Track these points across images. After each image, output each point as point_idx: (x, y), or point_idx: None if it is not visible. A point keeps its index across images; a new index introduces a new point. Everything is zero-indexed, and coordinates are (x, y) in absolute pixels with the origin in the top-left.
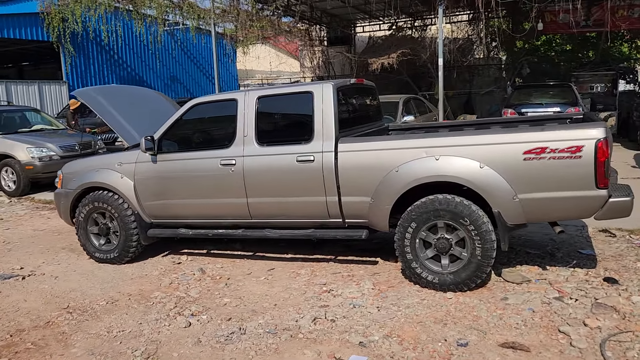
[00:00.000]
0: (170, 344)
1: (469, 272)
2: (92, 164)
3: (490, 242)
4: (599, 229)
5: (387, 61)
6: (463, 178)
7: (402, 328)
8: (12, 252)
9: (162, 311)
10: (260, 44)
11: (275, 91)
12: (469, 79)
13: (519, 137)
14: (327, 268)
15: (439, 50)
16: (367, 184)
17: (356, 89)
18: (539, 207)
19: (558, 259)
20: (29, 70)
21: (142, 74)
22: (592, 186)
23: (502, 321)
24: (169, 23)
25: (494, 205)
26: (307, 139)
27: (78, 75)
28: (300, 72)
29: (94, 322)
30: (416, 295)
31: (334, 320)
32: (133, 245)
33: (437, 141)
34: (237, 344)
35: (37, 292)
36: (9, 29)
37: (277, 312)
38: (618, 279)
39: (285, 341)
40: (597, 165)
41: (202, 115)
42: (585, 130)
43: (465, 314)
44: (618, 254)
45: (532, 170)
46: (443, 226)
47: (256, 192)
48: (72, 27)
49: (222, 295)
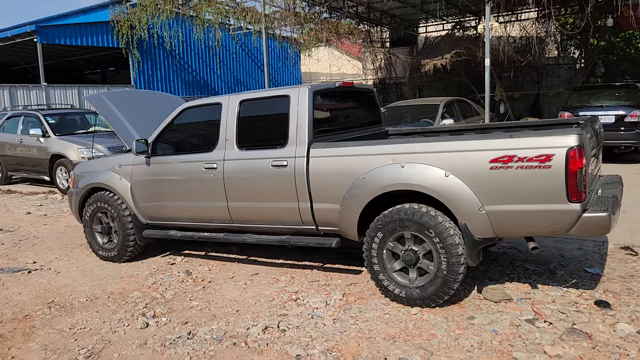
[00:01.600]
0: (118, 344)
1: (435, 287)
2: (98, 165)
3: (457, 257)
4: (620, 245)
5: (440, 62)
6: (427, 187)
7: (347, 343)
8: (35, 247)
9: (130, 311)
10: (324, 46)
11: (256, 95)
12: (537, 80)
13: (485, 144)
14: (309, 275)
15: (486, 51)
16: (336, 191)
17: (345, 93)
18: (507, 220)
19: (557, 277)
20: (111, 76)
21: (207, 77)
22: (563, 199)
23: (457, 342)
24: (232, 28)
25: (460, 216)
26: (282, 144)
27: (145, 80)
28: (363, 74)
29: (65, 318)
30: (381, 309)
31: (285, 331)
32: (130, 245)
33: (404, 147)
34: (178, 349)
35: (33, 286)
36: (86, 36)
37: (235, 318)
38: (612, 303)
39: (226, 349)
40: (569, 176)
41: (192, 119)
42: (556, 137)
43: (422, 331)
44: (629, 275)
45: (499, 180)
46: (410, 237)
47: (235, 196)
48: (139, 33)
49: (193, 299)
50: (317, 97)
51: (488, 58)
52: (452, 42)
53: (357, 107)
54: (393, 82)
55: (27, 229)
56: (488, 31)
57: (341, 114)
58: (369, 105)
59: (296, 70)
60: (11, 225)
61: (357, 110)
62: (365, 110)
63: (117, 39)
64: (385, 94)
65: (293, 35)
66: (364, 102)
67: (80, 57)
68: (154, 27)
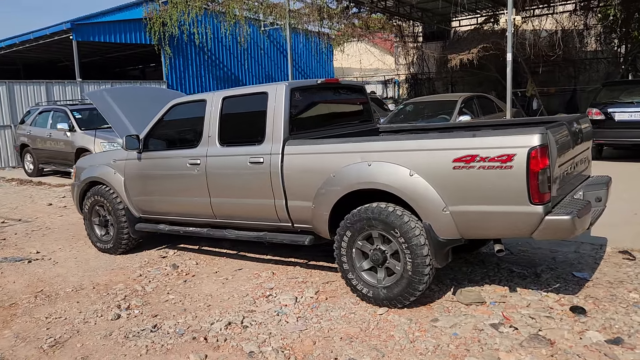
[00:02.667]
0: (85, 335)
1: (401, 288)
2: (97, 159)
3: (422, 257)
4: (619, 249)
5: (466, 57)
6: (392, 186)
7: (303, 342)
8: (44, 238)
9: (108, 302)
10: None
11: (237, 92)
12: (575, 75)
13: (448, 143)
14: (290, 272)
15: (508, 45)
16: (309, 189)
17: (332, 89)
18: (471, 221)
19: (541, 280)
20: (150, 72)
21: (238, 73)
22: (525, 201)
23: (412, 345)
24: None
25: (424, 216)
26: (259, 141)
27: (177, 76)
28: (395, 69)
29: (46, 307)
30: (349, 308)
31: (247, 327)
32: (124, 238)
33: (372, 146)
34: (139, 341)
35: (29, 275)
36: (119, 34)
37: (203, 312)
38: (588, 310)
39: (184, 343)
40: (530, 177)
41: (179, 115)
42: (518, 137)
43: (382, 332)
44: (618, 281)
45: (462, 180)
46: (378, 237)
47: (217, 192)
48: (170, 30)
49: (171, 292)
50: (296, 94)
51: (510, 53)
52: (479, 37)
53: (345, 104)
54: (425, 78)
55: (43, 219)
56: (510, 25)
57: (326, 111)
58: (359, 101)
59: (329, 66)
60: (30, 215)
61: (344, 107)
62: (354, 106)
63: (150, 36)
64: (417, 89)
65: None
66: (352, 98)
67: (121, 53)
68: (184, 23)
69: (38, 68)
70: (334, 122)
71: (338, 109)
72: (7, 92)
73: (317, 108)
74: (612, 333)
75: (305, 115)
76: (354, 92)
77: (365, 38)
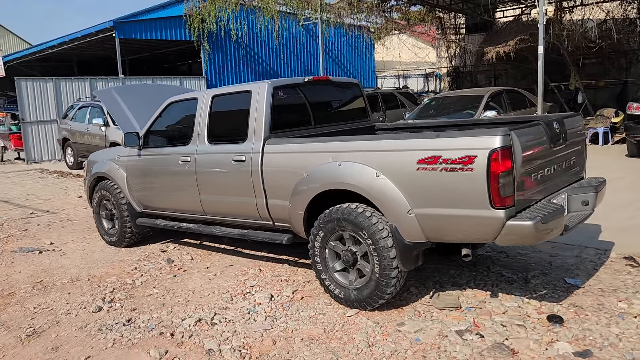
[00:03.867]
0: (63, 325)
1: (369, 290)
2: (105, 155)
3: (389, 260)
4: (624, 255)
5: (502, 49)
6: (360, 187)
7: (263, 341)
8: (62, 229)
9: (95, 294)
10: (397, 34)
11: (225, 90)
12: (626, 67)
13: (412, 144)
14: (277, 270)
15: (539, 37)
16: (286, 187)
17: (321, 87)
18: (435, 225)
19: (529, 286)
20: (197, 67)
21: (276, 67)
22: (487, 205)
23: (370, 349)
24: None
25: (390, 218)
26: (243, 139)
27: (216, 71)
28: (437, 63)
29: (39, 298)
30: (320, 309)
31: (215, 324)
32: (127, 232)
33: (342, 145)
34: (109, 334)
35: (36, 265)
36: (159, 31)
37: (179, 308)
38: (567, 319)
39: (150, 338)
40: (491, 180)
41: (175, 113)
42: (479, 138)
43: (345, 335)
44: (612, 289)
45: (426, 182)
46: (349, 238)
47: (205, 189)
48: (209, 26)
49: (157, 286)
50: (279, 93)
51: (541, 45)
52: (518, 28)
53: (337, 102)
54: (467, 71)
55: (68, 211)
56: (542, 15)
57: (315, 109)
58: (353, 99)
59: (370, 60)
60: (59, 207)
61: (336, 105)
62: (348, 104)
63: (190, 32)
64: (459, 82)
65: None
66: (346, 96)
67: (169, 49)
68: (222, 19)
69: (91, 64)
70: (324, 121)
71: (329, 107)
72: (54, 88)
73: (304, 106)
74: (583, 345)
75: (290, 114)
76: (348, 89)
77: (406, 31)
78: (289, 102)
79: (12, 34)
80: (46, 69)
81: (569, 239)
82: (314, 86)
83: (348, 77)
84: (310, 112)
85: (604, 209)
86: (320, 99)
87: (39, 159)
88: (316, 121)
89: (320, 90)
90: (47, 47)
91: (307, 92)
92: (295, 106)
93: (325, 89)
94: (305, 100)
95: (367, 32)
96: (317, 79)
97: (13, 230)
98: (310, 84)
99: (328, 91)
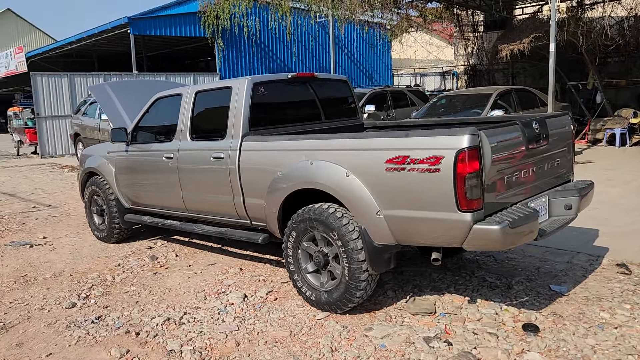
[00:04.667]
0: (33, 321)
1: (339, 293)
2: (96, 150)
3: (359, 263)
4: (617, 261)
5: (517, 47)
6: (330, 186)
7: (226, 343)
8: (59, 224)
9: (73, 290)
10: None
11: (208, 86)
12: None
13: (381, 143)
14: (258, 270)
15: (551, 35)
16: (261, 186)
17: (306, 84)
18: (403, 227)
19: (511, 292)
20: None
21: (290, 64)
22: (453, 207)
23: (331, 354)
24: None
25: (359, 220)
26: (222, 136)
27: (230, 68)
28: (454, 61)
29: (17, 292)
30: (291, 310)
31: (183, 324)
32: (116, 228)
33: (315, 144)
34: (76, 332)
35: (23, 259)
36: (173, 27)
37: (151, 307)
38: (543, 328)
39: (115, 336)
40: (457, 182)
41: (161, 109)
42: (446, 138)
43: (310, 338)
44: (597, 297)
45: (394, 182)
46: (321, 239)
47: (187, 186)
48: (223, 23)
49: (135, 284)
50: (259, 89)
51: (553, 43)
52: (534, 25)
53: (323, 99)
54: (485, 69)
55: (69, 206)
56: (554, 12)
57: (299, 106)
58: (341, 96)
59: (386, 57)
60: (61, 202)
61: (322, 102)
62: (335, 102)
63: (204, 29)
64: (476, 81)
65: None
66: (333, 93)
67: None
68: (236, 16)
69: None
70: (309, 118)
71: (314, 104)
72: (68, 83)
73: (288, 104)
74: (554, 357)
75: (272, 111)
76: (336, 86)
77: (422, 28)
78: (271, 99)
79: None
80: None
81: (562, 244)
82: (299, 83)
83: (364, 74)
84: (293, 110)
85: (607, 213)
86: (305, 96)
87: (53, 154)
88: (300, 119)
89: (306, 87)
90: (67, 43)
91: (292, 89)
92: (277, 103)
93: (310, 86)
94: (288, 98)
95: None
96: (301, 75)
97: (11, 224)
98: (294, 81)
99: (314, 88)
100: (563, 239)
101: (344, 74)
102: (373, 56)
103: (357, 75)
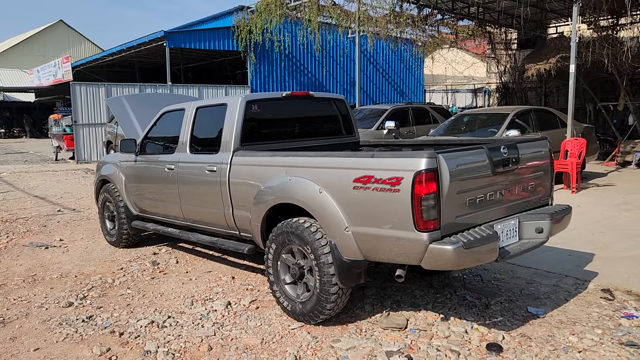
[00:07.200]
0: (30, 318)
1: (311, 305)
2: (111, 159)
3: (329, 276)
4: (602, 287)
5: (543, 67)
6: (304, 202)
7: (199, 348)
8: (78, 227)
9: (73, 291)
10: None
11: (208, 102)
12: None
13: (350, 162)
14: (249, 279)
15: (571, 56)
16: (247, 199)
17: (302, 102)
18: (369, 243)
19: (487, 312)
20: None
21: (322, 79)
22: (411, 227)
23: None
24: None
25: (329, 235)
26: (217, 150)
27: (261, 82)
28: (487, 78)
29: (24, 290)
30: (269, 319)
31: (164, 327)
32: (124, 233)
33: (294, 161)
34: (65, 329)
35: (37, 260)
36: (207, 41)
37: (140, 309)
38: (507, 349)
39: (100, 335)
40: (414, 203)
41: (167, 122)
42: (406, 160)
43: (279, 346)
44: (572, 321)
45: (360, 200)
46: (298, 251)
47: (185, 197)
48: (255, 37)
49: (132, 287)
50: (252, 107)
51: (573, 64)
52: (561, 45)
53: (318, 117)
54: (518, 87)
55: (91, 211)
56: (575, 33)
57: (293, 123)
58: (337, 114)
59: (418, 73)
60: (85, 206)
61: (317, 120)
62: (330, 119)
63: (237, 43)
64: (508, 98)
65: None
66: (329, 111)
67: (226, 58)
68: (267, 31)
69: (151, 71)
70: (302, 135)
71: (309, 122)
72: (105, 93)
73: (281, 121)
74: None
75: (264, 128)
76: (332, 105)
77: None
78: (264, 116)
79: (88, 40)
80: (111, 74)
81: (552, 267)
82: (294, 101)
83: (395, 89)
84: (287, 127)
85: (610, 237)
86: (300, 114)
87: (89, 160)
88: (293, 135)
89: (301, 105)
90: (109, 54)
91: (286, 106)
92: (271, 120)
93: (306, 104)
94: (282, 115)
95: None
96: (295, 94)
97: (34, 226)
98: (289, 99)
99: (309, 106)
100: (555, 261)
101: (374, 89)
102: (405, 71)
103: (388, 90)
